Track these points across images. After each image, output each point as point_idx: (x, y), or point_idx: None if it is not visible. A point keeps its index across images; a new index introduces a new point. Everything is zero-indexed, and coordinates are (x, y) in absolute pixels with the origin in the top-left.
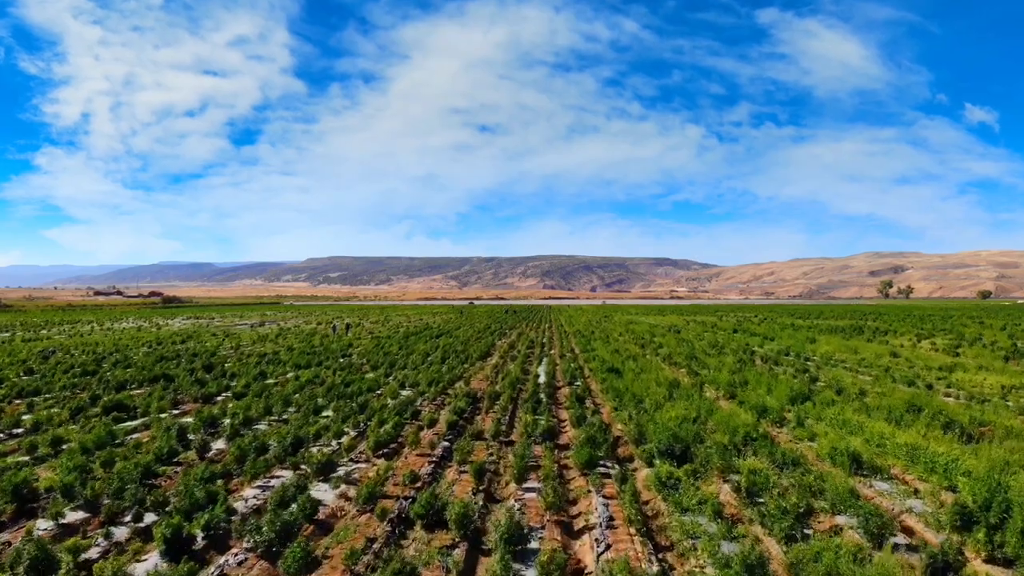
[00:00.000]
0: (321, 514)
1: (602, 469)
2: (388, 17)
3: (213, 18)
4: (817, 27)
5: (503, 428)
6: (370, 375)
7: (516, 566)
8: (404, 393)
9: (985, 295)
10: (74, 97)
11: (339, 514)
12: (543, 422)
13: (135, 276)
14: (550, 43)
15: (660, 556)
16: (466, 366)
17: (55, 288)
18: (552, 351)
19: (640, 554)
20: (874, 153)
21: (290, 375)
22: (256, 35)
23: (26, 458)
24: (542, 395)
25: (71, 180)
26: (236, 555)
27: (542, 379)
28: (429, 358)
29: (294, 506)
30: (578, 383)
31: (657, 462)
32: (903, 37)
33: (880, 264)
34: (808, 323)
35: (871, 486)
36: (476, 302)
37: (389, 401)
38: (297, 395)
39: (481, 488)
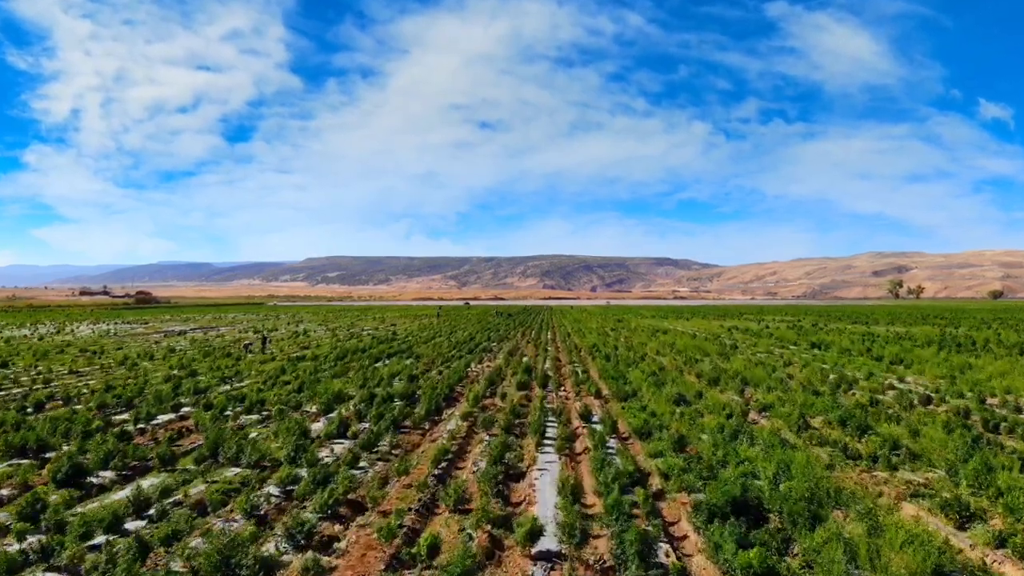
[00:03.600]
0: None
1: None
2: (386, 11)
3: (206, 12)
4: (827, 21)
5: None
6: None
7: None
8: None
9: (996, 295)
10: (64, 93)
11: None
12: None
13: (133, 276)
14: (552, 37)
15: None
16: (383, 448)
17: (45, 288)
18: (567, 398)
19: None
20: (885, 150)
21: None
22: (251, 29)
23: None
24: None
25: (61, 178)
26: None
27: (550, 530)
28: (331, 414)
29: None
30: None
31: None
32: (915, 31)
33: (883, 264)
34: (883, 332)
35: None
36: (472, 302)
37: None
38: None
39: None
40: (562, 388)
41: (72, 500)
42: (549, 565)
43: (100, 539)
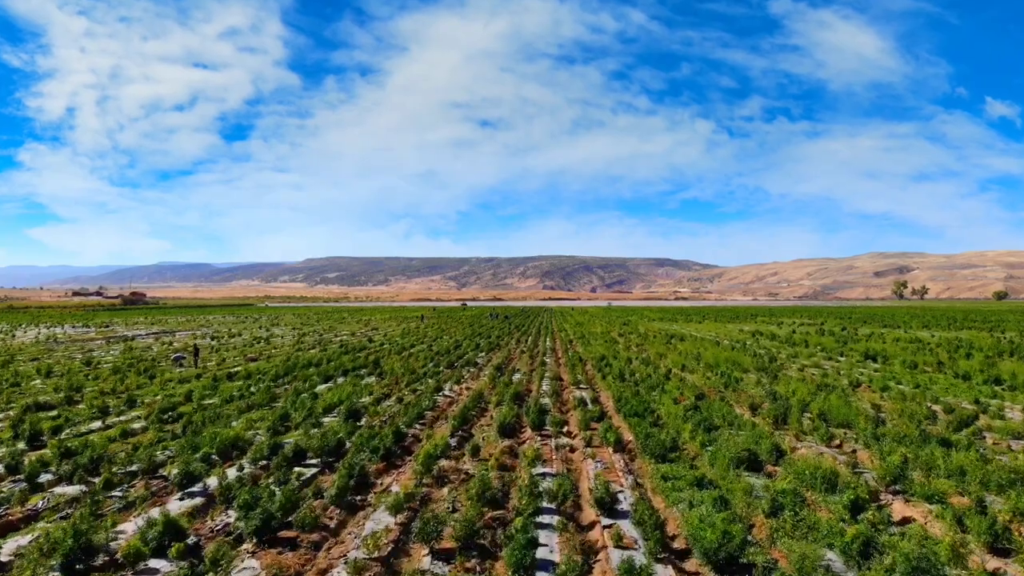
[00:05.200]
0: None
1: None
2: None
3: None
4: (832, 18)
5: None
6: None
7: None
8: None
9: (1000, 296)
10: (59, 91)
11: None
12: None
13: (132, 276)
14: (554, 34)
15: None
16: None
17: (41, 288)
18: (572, 450)
19: None
20: (891, 149)
21: None
22: (248, 26)
23: None
24: None
25: (55, 177)
26: None
27: None
28: (194, 486)
29: None
30: None
31: None
32: (921, 28)
33: (885, 264)
34: (928, 337)
35: None
36: (470, 303)
37: None
38: None
39: None
40: (565, 428)
41: None
42: None
43: None
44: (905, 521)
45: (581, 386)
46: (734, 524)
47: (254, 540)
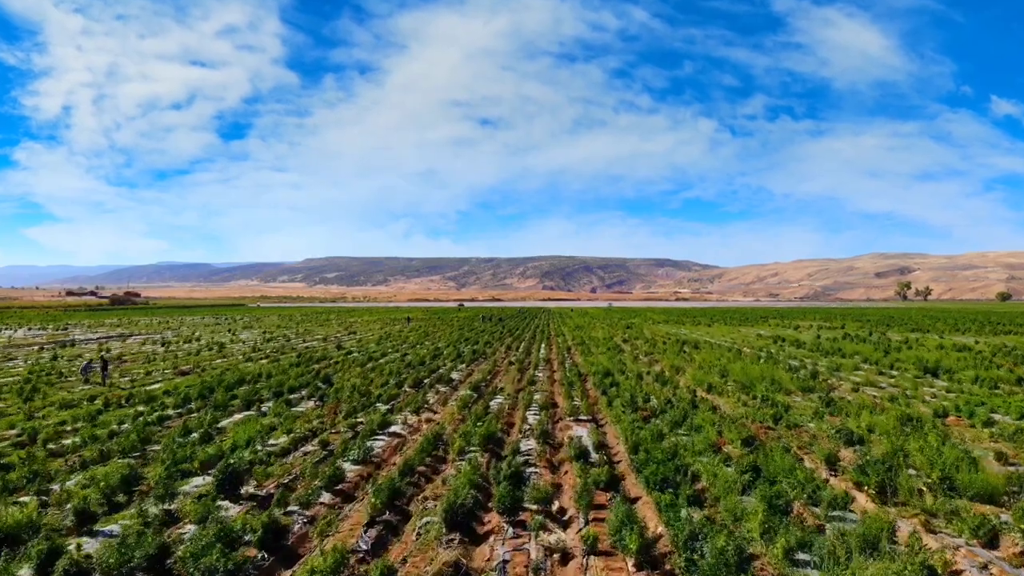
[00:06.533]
0: None
1: None
2: (384, 5)
3: (201, 6)
4: (836, 15)
5: None
6: None
7: None
8: None
9: (1004, 297)
10: (55, 89)
11: None
12: None
13: (131, 276)
14: (555, 32)
15: None
16: None
17: (36, 288)
18: (567, 554)
19: None
20: (895, 148)
21: None
22: (246, 24)
23: None
24: None
25: (52, 176)
26: None
27: None
28: None
29: None
30: None
31: None
32: (926, 26)
33: (886, 265)
34: (973, 343)
35: None
36: (468, 304)
37: None
38: None
39: None
40: (555, 505)
41: None
42: None
43: None
44: None
45: (580, 418)
46: None
47: None
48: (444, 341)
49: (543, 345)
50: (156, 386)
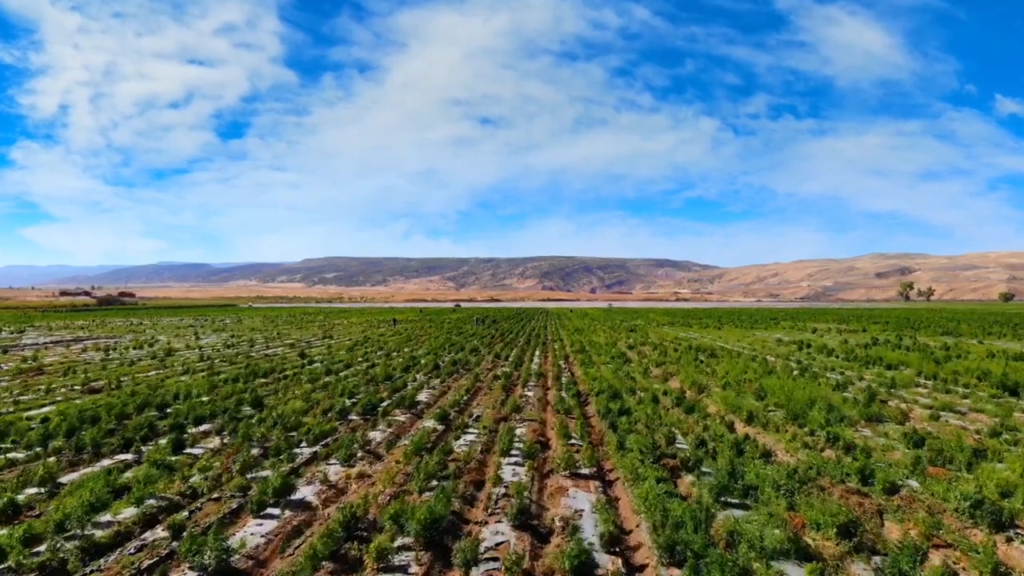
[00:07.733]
0: None
1: None
2: (384, 3)
3: (199, 4)
4: (839, 14)
5: None
6: None
7: None
8: None
9: (1007, 297)
10: (52, 88)
11: None
12: None
13: (129, 276)
14: (555, 31)
15: None
16: None
17: (32, 288)
18: None
19: None
20: (898, 147)
21: None
22: (244, 22)
23: None
24: None
25: (48, 176)
26: None
27: None
28: None
29: None
30: None
31: None
32: (929, 25)
33: (886, 266)
34: (1020, 349)
35: None
36: (465, 304)
37: None
38: None
39: None
40: None
41: None
42: None
43: None
44: None
45: (580, 470)
46: None
47: None
48: (425, 348)
49: (537, 352)
50: (43, 410)
